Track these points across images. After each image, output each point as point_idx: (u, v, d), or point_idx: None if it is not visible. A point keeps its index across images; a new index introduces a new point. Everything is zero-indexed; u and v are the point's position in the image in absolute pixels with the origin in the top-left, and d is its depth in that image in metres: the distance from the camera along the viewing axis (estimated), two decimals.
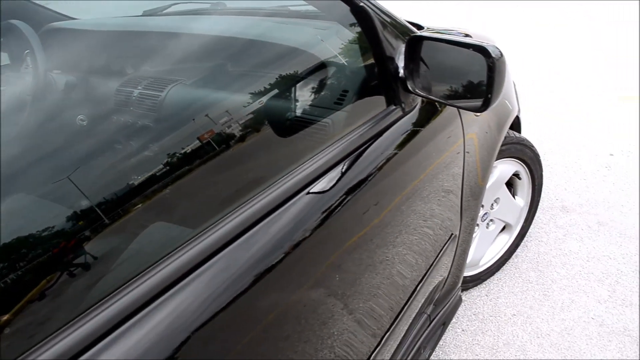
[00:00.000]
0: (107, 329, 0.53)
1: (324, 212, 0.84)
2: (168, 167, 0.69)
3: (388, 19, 1.10)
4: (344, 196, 0.90)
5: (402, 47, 1.08)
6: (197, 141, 0.75)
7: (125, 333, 0.54)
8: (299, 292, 0.81)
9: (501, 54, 0.98)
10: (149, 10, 1.17)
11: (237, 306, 0.66)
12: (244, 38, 1.08)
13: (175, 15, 1.18)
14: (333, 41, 1.12)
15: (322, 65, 1.06)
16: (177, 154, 0.72)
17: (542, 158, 2.18)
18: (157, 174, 0.68)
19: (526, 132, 2.74)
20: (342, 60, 1.10)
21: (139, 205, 0.63)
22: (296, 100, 1.00)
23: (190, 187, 0.71)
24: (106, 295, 0.55)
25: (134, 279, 0.57)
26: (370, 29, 1.04)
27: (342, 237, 0.91)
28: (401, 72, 1.09)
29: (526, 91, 3.79)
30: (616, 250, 2.27)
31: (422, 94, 1.10)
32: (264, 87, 0.95)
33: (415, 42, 1.07)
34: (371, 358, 1.06)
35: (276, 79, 0.99)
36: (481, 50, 0.98)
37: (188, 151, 0.72)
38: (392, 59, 1.09)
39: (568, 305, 2.00)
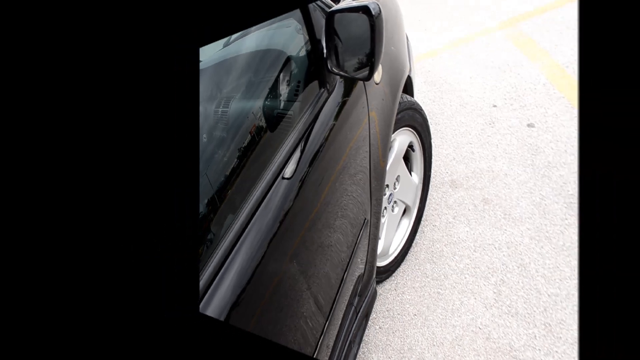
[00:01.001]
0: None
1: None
2: (232, 167, 1.02)
3: (319, 2, 1.26)
4: (291, 187, 1.09)
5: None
6: (237, 143, 1.05)
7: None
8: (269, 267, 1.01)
9: (380, 10, 1.06)
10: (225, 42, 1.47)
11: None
12: (235, 55, 1.28)
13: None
14: (293, 37, 1.29)
15: (287, 61, 1.21)
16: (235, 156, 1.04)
17: (429, 122, 1.86)
18: (226, 174, 1.00)
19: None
20: (299, 53, 1.28)
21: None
22: (274, 99, 1.17)
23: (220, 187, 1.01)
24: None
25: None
26: (306, 15, 1.20)
27: (295, 226, 1.09)
28: (325, 52, 1.29)
29: None
30: (500, 237, 2.10)
31: (335, 71, 1.26)
32: (250, 93, 1.16)
33: (330, 18, 1.19)
34: (319, 344, 1.24)
35: (252, 84, 1.16)
36: (365, 10, 1.06)
37: (237, 153, 1.04)
38: (320, 41, 1.27)
39: (458, 308, 1.94)
